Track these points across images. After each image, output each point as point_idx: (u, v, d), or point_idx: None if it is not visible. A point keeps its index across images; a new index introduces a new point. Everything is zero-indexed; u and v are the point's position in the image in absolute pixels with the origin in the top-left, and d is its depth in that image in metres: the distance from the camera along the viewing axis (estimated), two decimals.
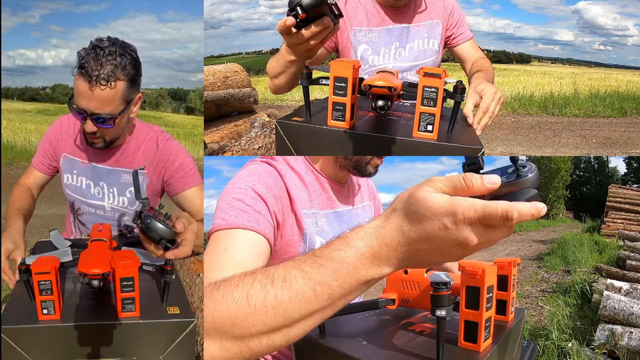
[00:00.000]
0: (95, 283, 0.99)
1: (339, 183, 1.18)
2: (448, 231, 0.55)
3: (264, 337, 0.65)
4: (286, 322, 0.64)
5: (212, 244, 0.93)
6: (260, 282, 0.65)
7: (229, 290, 0.67)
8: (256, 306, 0.64)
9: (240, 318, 0.64)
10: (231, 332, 0.65)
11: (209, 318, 0.67)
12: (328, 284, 0.62)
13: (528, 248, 7.90)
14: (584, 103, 8.80)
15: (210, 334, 0.67)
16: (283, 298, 0.63)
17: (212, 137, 3.46)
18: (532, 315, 3.73)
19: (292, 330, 0.65)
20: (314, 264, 0.63)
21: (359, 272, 0.61)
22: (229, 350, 0.66)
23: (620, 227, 7.25)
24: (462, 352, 0.78)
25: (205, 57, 29.36)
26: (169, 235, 0.96)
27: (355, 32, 1.56)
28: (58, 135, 1.56)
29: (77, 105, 1.31)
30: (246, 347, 0.66)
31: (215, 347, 0.67)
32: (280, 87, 1.29)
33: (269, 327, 0.64)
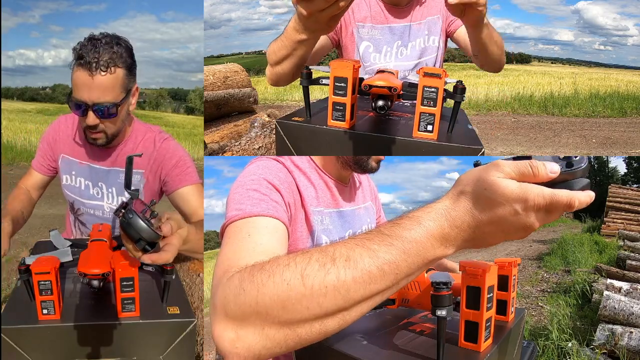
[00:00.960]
0: (95, 283, 0.99)
1: (342, 182, 1.15)
2: (518, 216, 0.58)
3: (316, 323, 0.59)
4: (346, 305, 0.59)
5: (232, 234, 0.85)
6: (318, 261, 0.60)
7: (277, 270, 0.61)
8: (313, 287, 0.58)
9: (292, 300, 0.58)
10: (278, 317, 0.59)
11: (249, 302, 0.60)
12: (397, 264, 0.59)
13: (528, 248, 7.89)
14: (584, 103, 8.80)
15: (250, 320, 0.60)
16: (346, 278, 0.58)
17: (212, 137, 3.46)
18: (532, 315, 3.73)
19: (349, 314, 0.60)
20: (382, 242, 0.60)
21: (428, 252, 0.60)
22: (272, 339, 0.60)
23: (620, 227, 7.24)
24: (463, 352, 0.78)
25: (205, 57, 29.33)
26: (150, 236, 0.87)
27: (359, 28, 1.56)
28: (56, 135, 1.55)
29: (78, 98, 1.30)
30: (293, 334, 0.60)
31: (255, 335, 0.60)
32: (283, 75, 1.18)
33: (325, 311, 0.58)
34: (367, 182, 1.33)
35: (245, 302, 0.61)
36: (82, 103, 1.30)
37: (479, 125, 6.60)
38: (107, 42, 1.30)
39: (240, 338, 0.61)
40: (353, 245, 0.61)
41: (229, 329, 0.62)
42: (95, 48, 1.28)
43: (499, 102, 9.30)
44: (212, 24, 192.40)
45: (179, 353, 1.01)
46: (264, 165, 0.99)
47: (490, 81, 11.59)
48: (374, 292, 0.59)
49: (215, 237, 43.23)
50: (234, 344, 0.61)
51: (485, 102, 9.31)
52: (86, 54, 1.27)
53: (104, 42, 1.30)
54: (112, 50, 1.30)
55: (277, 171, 0.99)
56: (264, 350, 0.61)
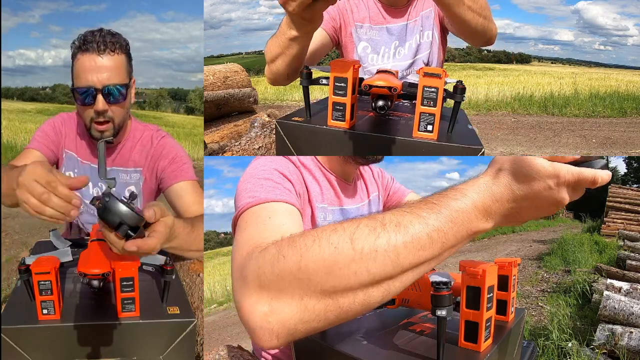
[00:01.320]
0: (95, 283, 0.99)
1: (345, 181, 1.16)
2: (551, 191, 0.63)
3: (360, 292, 0.57)
4: (393, 272, 0.58)
5: (250, 219, 0.80)
6: (367, 226, 0.58)
7: (323, 235, 0.58)
8: (363, 251, 0.56)
9: (340, 265, 0.56)
10: (321, 285, 0.56)
11: (290, 268, 0.57)
12: (444, 232, 0.60)
13: (528, 248, 7.89)
14: (584, 103, 8.80)
15: (288, 290, 0.57)
16: (397, 242, 0.57)
17: (212, 137, 3.46)
18: (532, 315, 3.73)
19: (394, 284, 0.59)
20: (431, 210, 0.61)
21: (472, 223, 0.62)
22: (311, 311, 0.57)
23: (620, 227, 7.24)
24: (463, 352, 0.78)
25: (205, 57, 29.34)
26: (131, 219, 0.78)
27: (357, 28, 1.56)
28: (62, 128, 1.51)
29: (85, 84, 1.30)
30: (335, 305, 0.57)
31: (292, 307, 0.57)
32: (279, 74, 1.19)
33: (373, 277, 0.57)
34: (370, 172, 1.31)
35: (285, 269, 0.57)
36: (89, 88, 1.30)
37: (479, 125, 6.61)
38: (107, 32, 1.34)
39: (275, 311, 0.57)
40: (402, 212, 0.61)
41: (262, 301, 0.58)
42: (97, 35, 1.31)
43: (499, 102, 9.30)
44: (212, 24, 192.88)
45: (179, 353, 1.01)
46: (272, 159, 0.99)
47: (490, 81, 11.59)
48: (421, 259, 0.59)
49: (216, 237, 43.10)
50: (266, 318, 0.57)
51: (485, 102, 9.32)
52: (91, 39, 1.30)
53: (103, 33, 1.33)
54: (114, 38, 1.34)
55: (286, 164, 1.00)
56: (300, 324, 0.57)
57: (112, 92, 1.31)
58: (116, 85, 1.32)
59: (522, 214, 0.65)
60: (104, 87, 1.30)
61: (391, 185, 1.38)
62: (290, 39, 1.01)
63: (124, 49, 1.36)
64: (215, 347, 1.20)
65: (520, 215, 0.65)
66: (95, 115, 1.33)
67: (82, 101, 1.32)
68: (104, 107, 1.31)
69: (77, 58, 1.31)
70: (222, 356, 1.16)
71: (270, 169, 0.94)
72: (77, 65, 1.32)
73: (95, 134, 1.38)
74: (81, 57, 1.30)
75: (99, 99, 1.30)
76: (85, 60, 1.30)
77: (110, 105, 1.33)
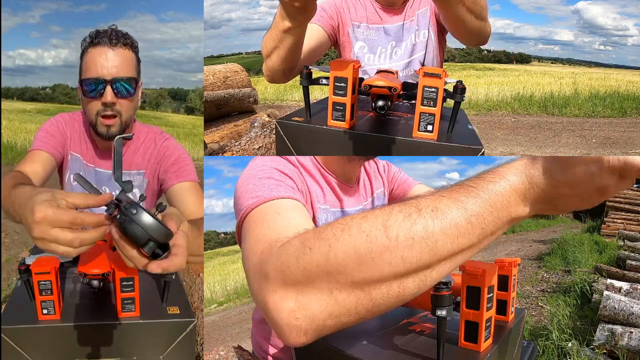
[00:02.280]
0: (95, 283, 0.99)
1: (347, 183, 1.13)
2: (593, 177, 0.58)
3: (395, 283, 0.53)
4: (431, 261, 0.54)
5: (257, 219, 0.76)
6: (402, 212, 0.54)
7: (352, 223, 0.55)
8: (398, 238, 0.52)
9: (373, 254, 0.52)
10: (352, 277, 0.53)
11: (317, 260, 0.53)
12: (483, 217, 0.56)
13: (528, 248, 7.89)
14: (584, 103, 8.80)
15: (316, 283, 0.53)
16: (435, 229, 0.53)
17: (212, 137, 3.46)
18: (532, 315, 3.73)
19: (431, 274, 0.55)
20: (469, 194, 0.57)
21: (511, 208, 0.58)
22: (341, 304, 0.53)
23: (620, 227, 7.24)
24: (463, 352, 0.78)
25: (205, 57, 29.33)
26: (162, 235, 0.67)
27: (354, 28, 1.56)
28: (66, 130, 1.48)
29: (94, 76, 1.29)
30: (367, 297, 0.53)
31: (322, 301, 0.53)
32: (275, 70, 1.16)
33: (408, 267, 0.53)
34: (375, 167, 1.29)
35: (312, 261, 0.54)
36: (99, 80, 1.29)
37: (479, 125, 6.61)
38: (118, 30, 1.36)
39: (303, 306, 0.54)
40: (438, 197, 0.57)
41: (288, 297, 0.55)
42: (109, 31, 1.33)
43: (499, 102, 9.30)
44: (212, 24, 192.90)
45: (179, 353, 1.01)
46: (271, 159, 0.97)
47: (490, 81, 11.59)
48: (460, 247, 0.56)
49: (216, 237, 43.05)
50: (294, 315, 0.54)
51: (485, 102, 9.32)
52: (103, 34, 1.31)
53: (116, 28, 1.35)
54: (125, 35, 1.35)
55: (286, 164, 0.98)
56: (330, 319, 0.54)
57: (121, 85, 1.31)
58: (125, 78, 1.32)
59: (562, 202, 0.61)
60: (113, 79, 1.30)
61: (398, 177, 1.35)
62: (284, 31, 1.00)
63: (134, 48, 1.37)
64: (215, 347, 1.20)
65: (559, 203, 0.61)
66: (102, 108, 1.32)
67: (90, 93, 1.31)
68: (112, 100, 1.30)
69: (88, 52, 1.32)
70: (222, 356, 1.16)
71: (270, 169, 0.92)
72: (87, 58, 1.32)
73: (102, 129, 1.35)
74: (92, 51, 1.31)
75: (108, 90, 1.29)
76: (96, 52, 1.30)
77: (119, 99, 1.32)
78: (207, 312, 7.00)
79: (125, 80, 1.32)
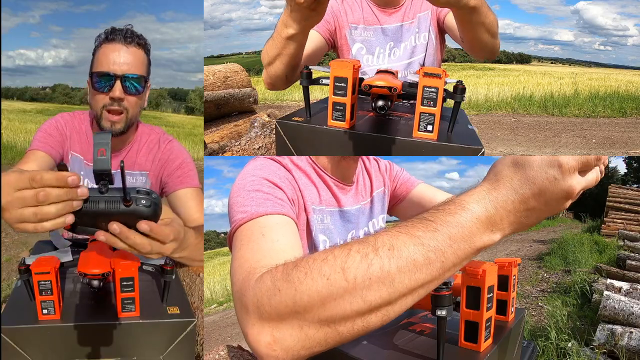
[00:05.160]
0: (95, 283, 0.99)
1: (345, 182, 1.12)
2: (557, 182, 0.59)
3: (358, 319, 0.56)
4: (390, 298, 0.56)
5: (243, 237, 0.80)
6: (359, 252, 0.56)
7: (314, 266, 0.57)
8: (356, 280, 0.55)
9: (334, 296, 0.55)
10: (318, 316, 0.56)
11: (285, 302, 0.57)
12: (442, 251, 0.57)
13: (528, 248, 7.89)
14: (584, 103, 8.80)
15: (287, 321, 0.57)
16: (391, 268, 0.55)
17: (212, 137, 3.46)
18: (532, 315, 3.73)
19: (393, 308, 0.57)
20: (426, 228, 0.58)
21: (474, 238, 0.58)
22: (312, 339, 0.57)
23: (620, 227, 7.25)
24: (463, 352, 0.78)
25: (205, 57, 29.35)
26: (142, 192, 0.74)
27: (351, 30, 1.56)
28: (66, 130, 1.48)
29: (105, 71, 1.31)
30: (334, 332, 0.57)
31: (294, 337, 0.57)
32: (277, 77, 1.18)
33: (369, 305, 0.55)
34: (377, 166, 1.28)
35: (282, 302, 0.58)
36: (110, 74, 1.31)
37: (479, 125, 6.60)
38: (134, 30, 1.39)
39: (278, 340, 0.58)
40: (395, 233, 0.58)
41: (264, 332, 0.59)
42: (125, 30, 1.36)
43: (499, 102, 9.30)
44: (212, 24, 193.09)
45: (179, 353, 1.01)
46: (262, 165, 0.97)
47: (490, 81, 11.58)
48: (419, 282, 0.57)
49: (216, 237, 43.04)
50: (271, 347, 0.59)
51: (485, 102, 9.32)
52: (118, 32, 1.34)
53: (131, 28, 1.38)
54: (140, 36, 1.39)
55: (276, 169, 0.97)
56: (304, 350, 0.58)
57: (131, 82, 1.33)
58: (136, 76, 1.34)
59: (532, 217, 0.61)
60: (124, 76, 1.32)
61: (400, 176, 1.34)
62: (287, 38, 1.03)
63: (146, 49, 1.40)
64: (215, 347, 1.20)
65: (530, 218, 0.61)
66: (109, 102, 1.33)
67: (99, 86, 1.32)
68: (121, 95, 1.32)
69: (101, 47, 1.34)
70: (222, 356, 1.16)
71: (259, 179, 0.92)
72: (100, 53, 1.34)
73: (106, 124, 1.35)
74: (106, 46, 1.33)
75: (117, 85, 1.31)
76: (110, 49, 1.33)
77: (127, 95, 1.34)
78: (207, 312, 7.00)
79: (135, 78, 1.34)
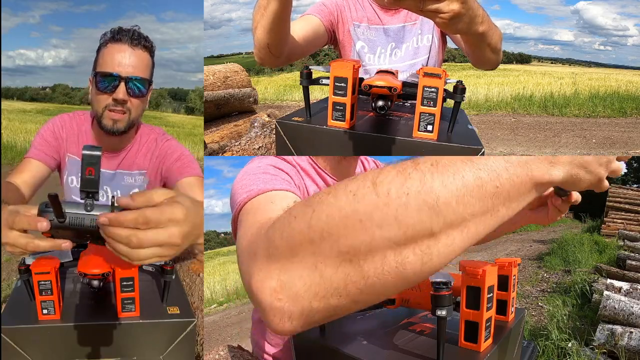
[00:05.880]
0: (95, 283, 0.99)
1: None
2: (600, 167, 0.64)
3: (390, 253, 0.43)
4: (432, 225, 0.42)
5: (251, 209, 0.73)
6: (395, 168, 0.45)
7: (339, 186, 0.46)
8: (389, 195, 0.42)
9: (360, 215, 0.42)
10: (338, 245, 0.43)
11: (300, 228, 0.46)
12: (496, 173, 0.46)
13: (528, 248, 7.89)
14: (584, 103, 8.81)
15: (299, 256, 0.45)
16: (434, 183, 0.43)
17: (212, 137, 3.46)
18: (532, 315, 3.73)
19: (437, 246, 0.43)
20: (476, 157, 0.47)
21: (531, 165, 0.49)
22: (327, 281, 0.44)
23: (620, 227, 7.25)
24: (463, 352, 0.78)
25: (205, 57, 29.34)
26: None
27: (355, 27, 1.56)
28: (62, 133, 1.49)
29: (110, 71, 1.31)
30: (357, 272, 0.43)
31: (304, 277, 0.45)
32: (260, 45, 1.13)
33: (405, 232, 0.42)
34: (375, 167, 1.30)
35: (295, 229, 0.46)
36: (114, 75, 1.31)
37: (479, 125, 6.60)
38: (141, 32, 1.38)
39: (285, 285, 0.46)
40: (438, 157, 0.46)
41: (270, 276, 0.47)
42: (132, 30, 1.35)
43: (499, 102, 9.31)
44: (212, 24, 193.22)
45: (179, 353, 1.01)
46: (268, 158, 0.98)
47: (490, 81, 11.59)
48: (469, 209, 0.44)
49: (216, 237, 43.08)
50: (276, 295, 0.47)
51: (485, 102, 9.32)
52: (125, 32, 1.34)
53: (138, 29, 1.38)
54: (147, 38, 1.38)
55: (282, 162, 0.99)
56: (316, 300, 0.45)
57: (135, 84, 1.33)
58: (140, 78, 1.34)
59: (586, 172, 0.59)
60: (128, 78, 1.32)
61: None
62: None
63: (151, 52, 1.40)
64: (215, 347, 1.20)
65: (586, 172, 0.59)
66: (112, 103, 1.33)
67: (102, 86, 1.32)
68: (124, 97, 1.33)
69: (107, 46, 1.34)
70: (222, 356, 1.16)
71: (266, 165, 0.93)
72: (105, 52, 1.33)
73: (107, 122, 1.35)
74: (112, 46, 1.33)
75: (121, 87, 1.32)
76: (116, 49, 1.32)
77: (130, 97, 1.34)
78: (207, 312, 7.00)
79: (140, 80, 1.34)
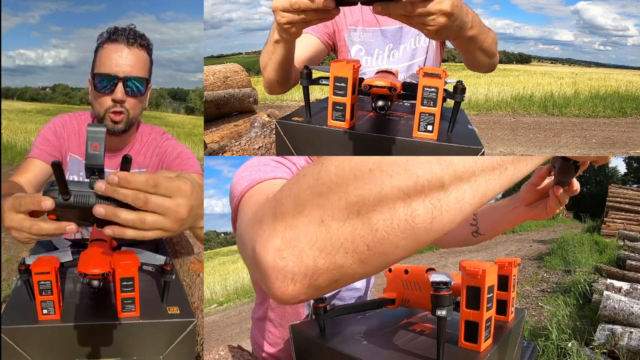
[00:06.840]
0: (95, 283, 0.99)
1: None
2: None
3: (400, 204, 0.41)
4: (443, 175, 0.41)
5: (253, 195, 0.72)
6: None
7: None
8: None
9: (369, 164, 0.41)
10: (346, 196, 0.41)
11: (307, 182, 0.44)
12: None
13: (528, 248, 7.89)
14: (584, 103, 8.81)
15: (305, 210, 0.43)
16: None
17: (212, 137, 3.46)
18: (532, 315, 3.73)
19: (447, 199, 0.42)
20: None
21: None
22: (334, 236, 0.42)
23: (620, 227, 7.25)
24: (463, 352, 0.78)
25: (205, 57, 29.34)
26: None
27: (350, 32, 1.56)
28: (64, 132, 1.50)
29: (107, 72, 1.31)
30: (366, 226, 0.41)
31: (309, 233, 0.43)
32: (270, 82, 1.23)
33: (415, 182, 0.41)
34: None
35: (303, 184, 0.44)
36: (112, 76, 1.31)
37: (479, 125, 6.61)
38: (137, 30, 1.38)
39: (289, 242, 0.44)
40: None
41: (275, 234, 0.45)
42: (128, 30, 1.35)
43: (499, 102, 9.31)
44: (212, 24, 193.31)
45: (179, 353, 1.01)
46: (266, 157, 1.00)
47: (490, 81, 11.59)
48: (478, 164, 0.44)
49: (216, 237, 43.10)
50: (279, 254, 0.44)
51: (485, 102, 9.33)
52: (121, 32, 1.33)
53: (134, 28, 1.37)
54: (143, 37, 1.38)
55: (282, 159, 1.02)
56: (321, 257, 0.43)
57: (133, 84, 1.33)
58: (138, 78, 1.34)
59: None
60: (126, 78, 1.32)
61: None
62: (275, 42, 1.07)
63: (149, 50, 1.40)
64: (215, 347, 1.20)
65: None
66: (112, 105, 1.34)
67: (101, 88, 1.33)
68: (122, 97, 1.33)
69: (104, 47, 1.33)
70: (222, 356, 1.16)
71: (266, 159, 0.95)
72: (102, 53, 1.33)
73: (107, 124, 1.37)
74: (108, 47, 1.33)
75: (119, 87, 1.32)
76: (113, 49, 1.32)
77: (129, 97, 1.34)
78: (207, 312, 7.00)
79: (138, 80, 1.34)
